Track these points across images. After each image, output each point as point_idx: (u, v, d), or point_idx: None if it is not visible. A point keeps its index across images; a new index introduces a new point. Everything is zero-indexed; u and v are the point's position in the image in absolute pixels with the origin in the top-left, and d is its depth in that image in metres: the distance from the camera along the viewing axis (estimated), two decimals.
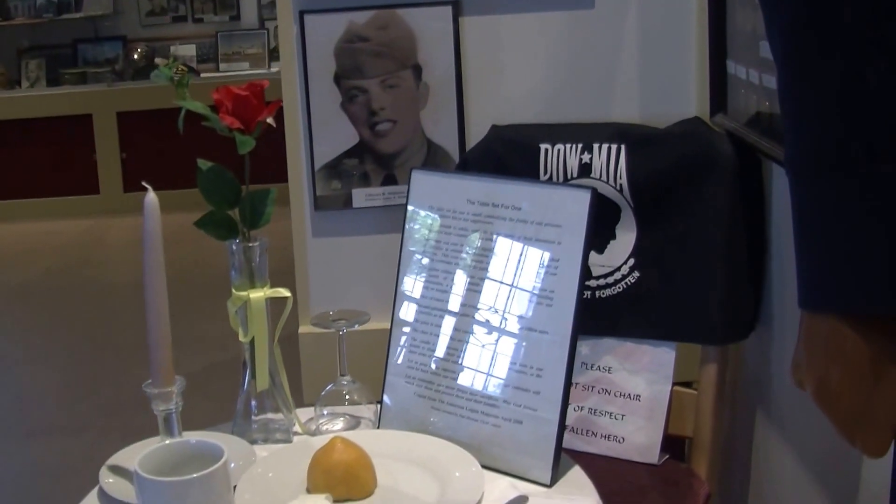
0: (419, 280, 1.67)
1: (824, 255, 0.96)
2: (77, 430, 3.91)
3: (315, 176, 2.35)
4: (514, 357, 1.56)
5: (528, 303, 1.55)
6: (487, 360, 1.59)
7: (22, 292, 5.62)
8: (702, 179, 2.05)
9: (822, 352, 0.98)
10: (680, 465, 2.11)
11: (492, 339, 1.59)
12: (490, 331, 1.59)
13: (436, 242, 1.66)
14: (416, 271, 1.67)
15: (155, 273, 1.50)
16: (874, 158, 0.91)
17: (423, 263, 1.66)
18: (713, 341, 2.07)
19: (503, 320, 1.58)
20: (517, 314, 1.56)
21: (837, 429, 1.00)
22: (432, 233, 1.66)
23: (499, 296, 1.59)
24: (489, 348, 1.59)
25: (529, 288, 1.55)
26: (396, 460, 1.56)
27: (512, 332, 1.57)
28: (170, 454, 1.41)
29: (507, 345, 1.57)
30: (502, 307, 1.58)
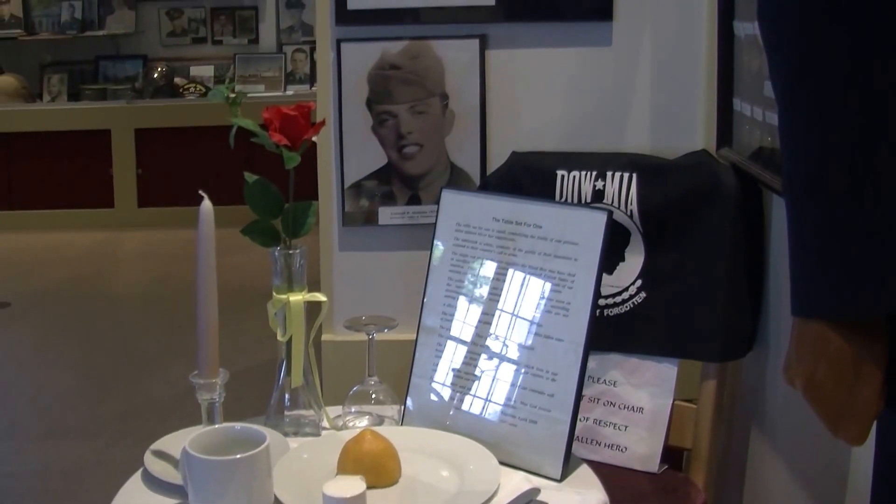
0: (445, 290, 1.80)
1: (813, 269, 1.10)
2: (92, 433, 3.99)
3: (344, 193, 2.49)
4: (531, 362, 1.70)
5: (546, 313, 1.69)
6: (506, 365, 1.72)
7: (38, 300, 5.71)
8: (707, 208, 2.18)
9: (810, 353, 1.12)
10: (678, 475, 2.24)
11: (511, 345, 1.72)
12: (509, 338, 1.72)
13: (462, 256, 1.80)
14: (443, 281, 1.81)
15: (207, 274, 1.63)
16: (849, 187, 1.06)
17: (450, 275, 1.80)
18: (713, 359, 2.20)
19: (522, 329, 1.72)
20: (536, 323, 1.70)
21: (823, 420, 1.14)
22: (459, 247, 1.80)
23: (519, 306, 1.72)
24: (508, 353, 1.72)
25: (547, 299, 1.69)
26: (419, 454, 1.69)
27: (530, 339, 1.70)
28: (216, 437, 1.54)
29: (524, 351, 1.71)
30: (522, 317, 1.72)
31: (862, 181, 1.05)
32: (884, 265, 1.06)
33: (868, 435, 1.14)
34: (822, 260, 1.09)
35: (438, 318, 1.81)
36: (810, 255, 1.11)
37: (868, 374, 1.11)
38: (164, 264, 6.32)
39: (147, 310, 5.62)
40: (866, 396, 1.11)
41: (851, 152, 1.06)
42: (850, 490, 1.78)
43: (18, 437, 4.03)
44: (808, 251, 1.11)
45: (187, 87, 7.60)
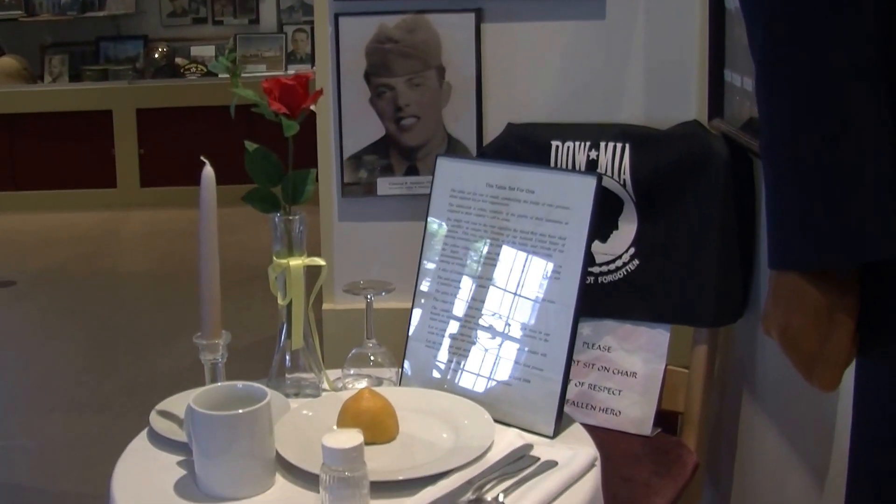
0: (440, 255, 1.86)
1: (787, 223, 1.16)
2: (98, 407, 4.05)
3: (343, 165, 2.54)
4: (525, 323, 1.75)
5: (539, 276, 1.74)
6: (501, 326, 1.78)
7: (43, 279, 5.77)
8: (698, 177, 2.23)
9: (786, 304, 1.18)
10: (671, 438, 2.29)
11: (505, 307, 1.78)
12: (504, 300, 1.78)
13: (457, 221, 1.85)
14: (439, 247, 1.86)
15: (209, 238, 1.68)
16: (820, 142, 1.11)
17: (445, 240, 1.85)
18: (704, 324, 2.25)
19: (516, 291, 1.77)
20: (528, 286, 1.75)
21: (797, 368, 1.20)
22: (453, 213, 1.85)
23: (512, 269, 1.78)
24: (503, 316, 1.77)
25: (540, 262, 1.74)
26: (416, 412, 1.74)
27: (523, 301, 1.76)
28: (219, 395, 1.59)
29: (518, 312, 1.76)
30: (515, 280, 1.77)
31: (834, 136, 1.11)
32: (855, 217, 1.11)
33: (840, 382, 1.19)
34: (795, 213, 1.14)
35: (434, 283, 1.86)
36: (784, 210, 1.16)
37: (840, 324, 1.16)
38: (168, 243, 6.37)
39: (151, 287, 5.67)
40: (839, 345, 1.17)
41: (823, 108, 1.11)
42: (835, 450, 1.83)
43: (25, 412, 4.09)
44: (782, 206, 1.16)
45: (188, 68, 7.64)
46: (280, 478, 1.58)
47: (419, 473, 1.55)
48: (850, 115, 1.11)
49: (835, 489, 1.77)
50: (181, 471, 1.61)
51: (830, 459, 1.85)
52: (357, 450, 1.43)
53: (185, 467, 1.62)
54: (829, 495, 1.84)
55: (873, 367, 1.21)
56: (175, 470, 1.62)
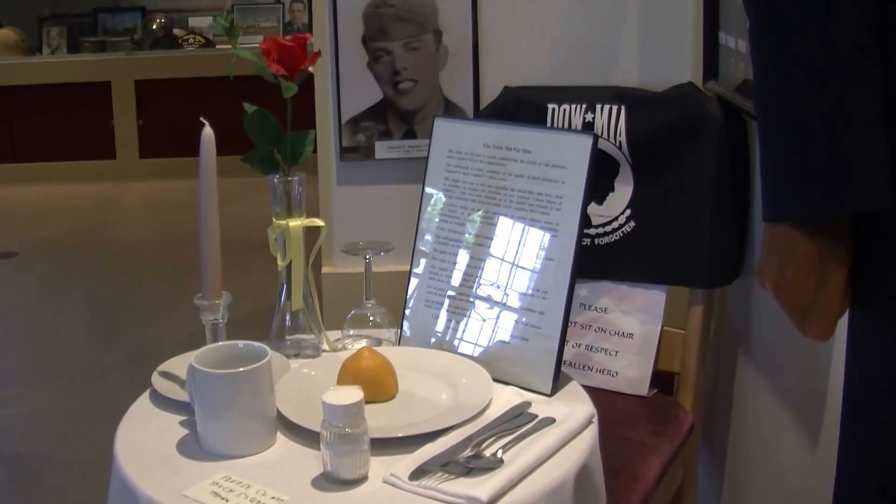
0: (439, 215, 1.87)
1: (779, 176, 1.17)
2: (100, 376, 4.07)
3: (341, 129, 2.56)
4: (522, 282, 1.77)
5: (536, 235, 1.76)
6: (498, 286, 1.79)
7: (43, 250, 5.78)
8: (693, 139, 2.24)
9: (779, 255, 1.20)
10: (667, 398, 2.31)
11: (502, 267, 1.79)
12: (502, 259, 1.79)
13: (454, 182, 1.86)
14: (436, 207, 1.88)
15: (209, 199, 1.69)
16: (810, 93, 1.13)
17: (443, 200, 1.87)
18: (700, 285, 2.27)
19: (513, 251, 1.78)
20: (525, 245, 1.77)
21: (791, 318, 1.22)
22: (451, 173, 1.86)
23: (510, 229, 1.79)
24: (500, 275, 1.79)
25: (537, 221, 1.76)
26: (415, 371, 1.76)
27: (520, 260, 1.77)
28: (220, 354, 1.61)
29: (515, 272, 1.78)
30: (513, 239, 1.79)
31: (825, 88, 1.12)
32: (845, 168, 1.13)
33: (833, 332, 1.21)
34: (787, 166, 1.16)
35: (432, 244, 1.88)
36: (777, 162, 1.18)
37: (833, 274, 1.18)
38: (168, 213, 6.38)
39: (152, 258, 5.69)
40: (831, 295, 1.19)
41: (812, 58, 1.12)
42: (829, 408, 1.85)
43: (29, 381, 4.11)
44: (774, 158, 1.18)
45: (186, 39, 7.63)
46: (281, 436, 1.60)
47: (419, 430, 1.57)
48: (841, 67, 1.12)
49: (828, 446, 1.79)
50: (183, 430, 1.63)
51: (824, 417, 1.87)
52: (357, 406, 1.45)
53: (187, 427, 1.64)
54: (823, 451, 1.86)
55: (866, 318, 1.23)
56: (177, 429, 1.64)
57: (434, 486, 1.43)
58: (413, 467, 1.47)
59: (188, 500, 1.43)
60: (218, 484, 1.47)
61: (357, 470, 1.46)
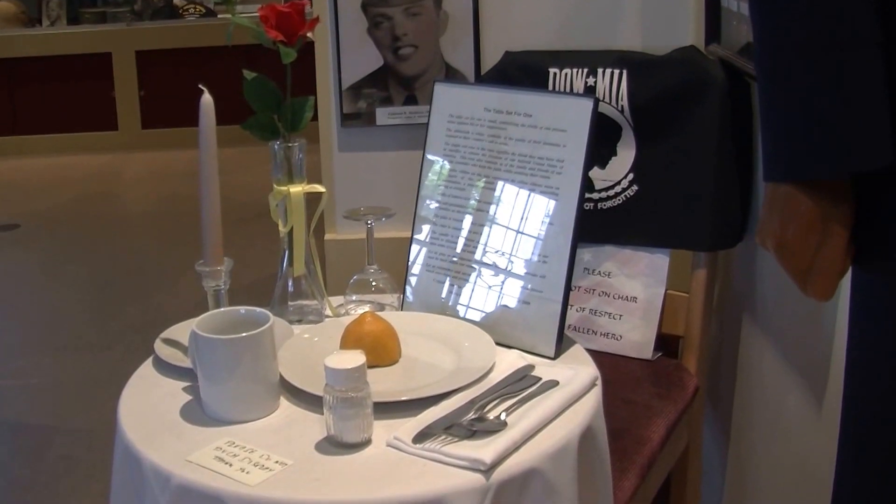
0: (440, 180, 1.87)
1: (780, 135, 1.17)
2: (105, 346, 4.09)
3: (342, 95, 2.55)
4: (523, 246, 1.76)
5: (537, 198, 1.76)
6: (500, 250, 1.79)
7: (46, 222, 5.78)
8: (695, 102, 2.23)
9: (780, 215, 1.19)
10: (672, 361, 2.31)
11: (504, 231, 1.79)
12: (503, 223, 1.79)
13: (455, 146, 1.85)
14: (437, 172, 1.87)
15: (209, 165, 1.68)
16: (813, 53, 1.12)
17: (444, 165, 1.86)
18: (703, 248, 2.27)
19: (514, 215, 1.78)
20: (527, 209, 1.76)
21: (793, 278, 1.22)
22: (451, 138, 1.86)
23: (511, 193, 1.79)
24: (502, 238, 1.79)
25: (538, 185, 1.76)
26: (418, 336, 1.76)
27: (522, 224, 1.77)
28: (222, 320, 1.61)
29: (517, 236, 1.77)
30: (514, 203, 1.78)
31: (825, 47, 1.12)
32: (845, 127, 1.12)
33: (834, 291, 1.21)
34: (787, 125, 1.16)
35: (434, 209, 1.87)
36: (777, 122, 1.17)
37: (834, 233, 1.18)
38: (170, 184, 6.38)
39: (155, 228, 5.69)
40: (833, 254, 1.19)
41: (812, 17, 1.12)
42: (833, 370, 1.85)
43: (34, 352, 4.13)
44: (775, 118, 1.18)
45: (186, 9, 7.60)
46: (284, 401, 1.60)
47: (422, 394, 1.57)
48: (841, 25, 1.11)
49: (833, 407, 1.79)
50: (186, 396, 1.64)
51: (828, 379, 1.87)
52: (359, 370, 1.45)
53: (190, 393, 1.64)
54: (827, 413, 1.86)
55: (868, 277, 1.23)
56: (181, 395, 1.64)
57: (437, 449, 1.43)
58: (416, 431, 1.47)
59: (192, 465, 1.44)
60: (221, 449, 1.47)
61: (360, 434, 1.46)
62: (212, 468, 1.43)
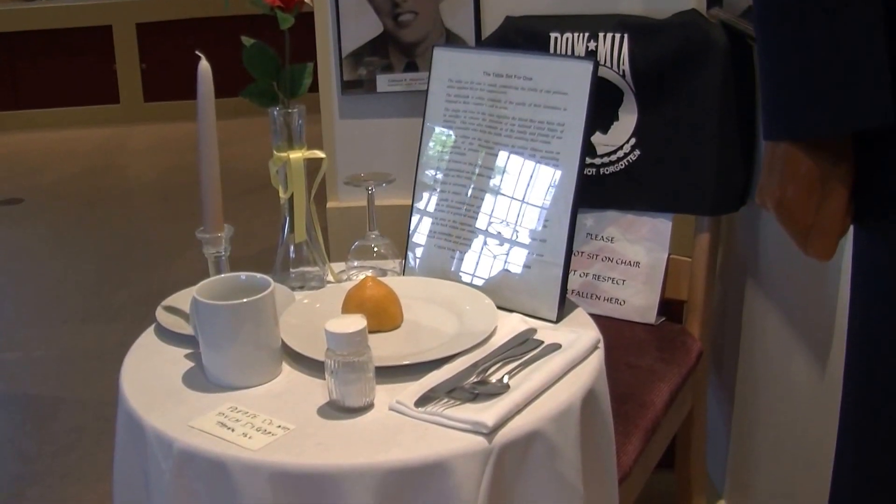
0: (440, 146, 1.86)
1: (779, 94, 1.17)
2: (112, 317, 4.09)
3: (342, 63, 2.54)
4: (524, 210, 1.76)
5: (538, 163, 1.75)
6: (501, 214, 1.79)
7: (50, 196, 5.78)
8: (697, 66, 2.22)
9: (780, 174, 1.19)
10: (675, 326, 2.31)
11: (504, 195, 1.78)
12: (503, 188, 1.78)
13: (455, 111, 1.85)
14: (437, 138, 1.87)
15: (208, 131, 1.68)
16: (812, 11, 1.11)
17: (444, 131, 1.86)
18: (705, 212, 2.26)
19: (515, 179, 1.77)
20: (527, 172, 1.76)
21: (793, 238, 1.21)
22: (451, 103, 1.85)
23: (511, 157, 1.78)
24: (503, 203, 1.78)
25: (539, 149, 1.75)
26: (419, 301, 1.76)
27: (522, 188, 1.76)
28: (223, 286, 1.61)
29: (518, 199, 1.77)
30: (514, 167, 1.78)
31: (824, 7, 1.11)
32: (844, 85, 1.12)
33: (835, 250, 1.21)
34: (786, 84, 1.15)
35: (434, 174, 1.87)
36: (776, 81, 1.17)
37: (834, 192, 1.18)
38: (173, 156, 6.37)
39: (159, 200, 5.69)
40: (833, 213, 1.18)
41: None
42: (836, 333, 1.85)
43: (41, 324, 4.14)
44: (774, 77, 1.17)
45: None
46: (286, 367, 1.61)
47: (424, 358, 1.57)
48: None
49: (836, 370, 1.79)
50: (188, 363, 1.64)
51: (832, 342, 1.87)
52: (361, 334, 1.45)
53: (192, 359, 1.64)
54: (831, 376, 1.86)
55: (868, 236, 1.23)
56: (183, 362, 1.65)
57: (440, 413, 1.43)
58: (419, 394, 1.47)
59: (194, 430, 1.44)
60: (224, 414, 1.47)
61: (363, 398, 1.46)
62: (214, 433, 1.43)
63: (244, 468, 1.37)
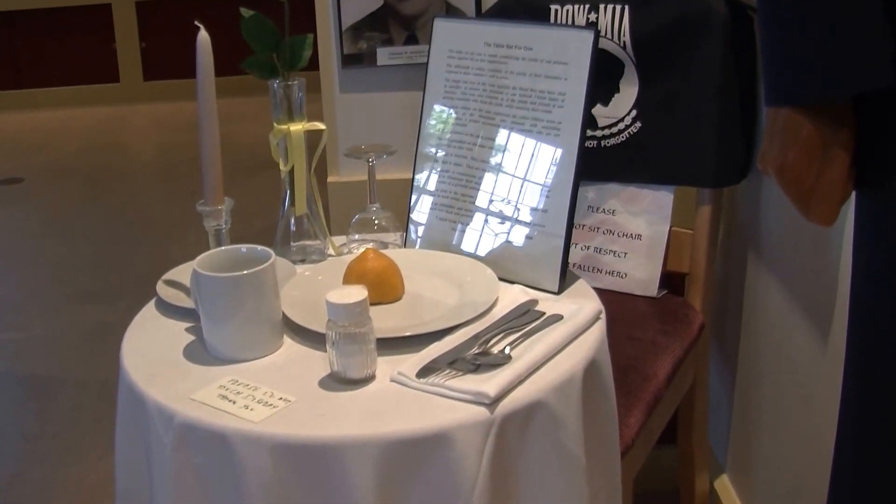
0: (440, 117, 1.85)
1: (780, 59, 1.16)
2: (113, 297, 4.08)
3: (342, 36, 2.53)
4: (526, 180, 1.75)
5: (538, 133, 1.74)
6: (502, 185, 1.78)
7: (50, 175, 5.76)
8: (698, 36, 2.21)
9: (781, 140, 1.18)
10: (677, 299, 2.30)
11: (506, 166, 1.78)
12: (504, 159, 1.78)
13: (455, 82, 1.84)
14: (438, 109, 1.86)
15: (208, 103, 1.67)
16: None
17: (444, 101, 1.85)
18: (707, 184, 2.25)
19: (516, 150, 1.77)
20: (529, 143, 1.75)
21: (795, 203, 1.20)
22: (451, 73, 1.84)
23: (512, 127, 1.77)
24: (503, 173, 1.78)
25: (540, 119, 1.74)
26: (421, 273, 1.76)
27: (524, 159, 1.76)
28: (224, 259, 1.60)
29: (519, 170, 1.76)
30: (515, 137, 1.77)
31: None
32: (844, 48, 1.11)
33: (836, 216, 1.20)
34: (786, 48, 1.14)
35: (435, 146, 1.86)
36: (776, 46, 1.16)
37: (836, 157, 1.17)
38: (174, 135, 6.36)
39: (159, 180, 5.68)
40: (834, 178, 1.18)
41: None
42: (838, 305, 1.84)
43: (42, 303, 4.13)
44: (774, 42, 1.16)
45: None
46: (288, 339, 1.60)
47: (425, 329, 1.56)
48: None
49: (838, 342, 1.78)
50: (189, 336, 1.63)
51: (834, 314, 1.87)
52: (361, 304, 1.44)
53: (193, 333, 1.64)
54: (833, 348, 1.86)
55: (870, 202, 1.22)
56: (183, 336, 1.64)
57: (441, 384, 1.43)
58: (420, 366, 1.47)
59: (195, 403, 1.43)
60: (225, 387, 1.47)
61: (364, 369, 1.46)
62: (215, 406, 1.42)
63: (245, 440, 1.37)
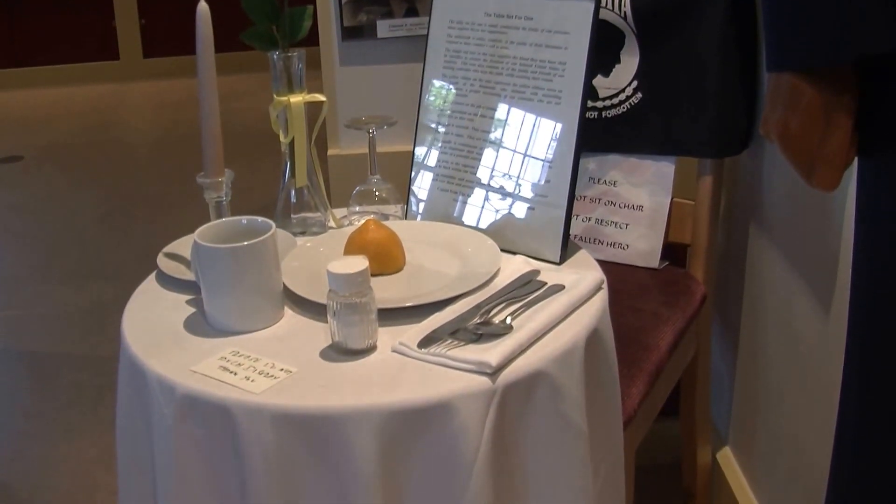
0: (441, 88, 1.85)
1: (781, 24, 1.15)
2: (112, 274, 4.08)
3: (342, 9, 2.52)
4: (527, 151, 1.75)
5: (539, 102, 1.73)
6: (503, 156, 1.77)
7: (50, 153, 5.76)
8: (699, 7, 2.19)
9: (784, 105, 1.17)
10: (679, 270, 2.30)
11: (507, 136, 1.77)
12: (505, 129, 1.77)
13: (456, 52, 1.83)
14: (439, 79, 1.85)
15: (207, 75, 1.66)
16: None
17: (445, 72, 1.84)
18: (708, 154, 2.24)
19: (517, 120, 1.76)
20: (529, 113, 1.74)
21: (797, 168, 1.20)
22: (452, 43, 1.83)
23: (513, 97, 1.76)
24: (505, 145, 1.77)
25: (540, 88, 1.73)
26: (422, 244, 1.75)
27: (525, 129, 1.75)
28: (224, 230, 1.59)
29: (520, 140, 1.76)
30: (516, 107, 1.76)
31: None
32: (845, 13, 1.10)
33: (839, 182, 1.19)
34: (788, 13, 1.14)
35: (436, 116, 1.85)
36: (778, 10, 1.15)
37: (838, 122, 1.16)
38: (173, 112, 6.35)
39: (159, 157, 5.67)
40: (837, 143, 1.17)
41: None
42: (840, 275, 1.84)
43: (41, 281, 4.13)
44: (776, 6, 1.15)
45: None
46: (289, 311, 1.60)
47: (427, 300, 1.56)
48: None
49: (841, 313, 1.78)
50: (190, 308, 1.63)
51: (836, 284, 1.86)
52: (362, 274, 1.43)
53: (194, 305, 1.63)
54: (836, 318, 1.85)
55: (873, 167, 1.21)
56: (184, 308, 1.63)
57: (443, 353, 1.42)
58: (422, 336, 1.46)
59: (197, 375, 1.43)
60: (226, 359, 1.46)
61: (365, 340, 1.45)
62: (217, 377, 1.42)
63: (247, 411, 1.37)
